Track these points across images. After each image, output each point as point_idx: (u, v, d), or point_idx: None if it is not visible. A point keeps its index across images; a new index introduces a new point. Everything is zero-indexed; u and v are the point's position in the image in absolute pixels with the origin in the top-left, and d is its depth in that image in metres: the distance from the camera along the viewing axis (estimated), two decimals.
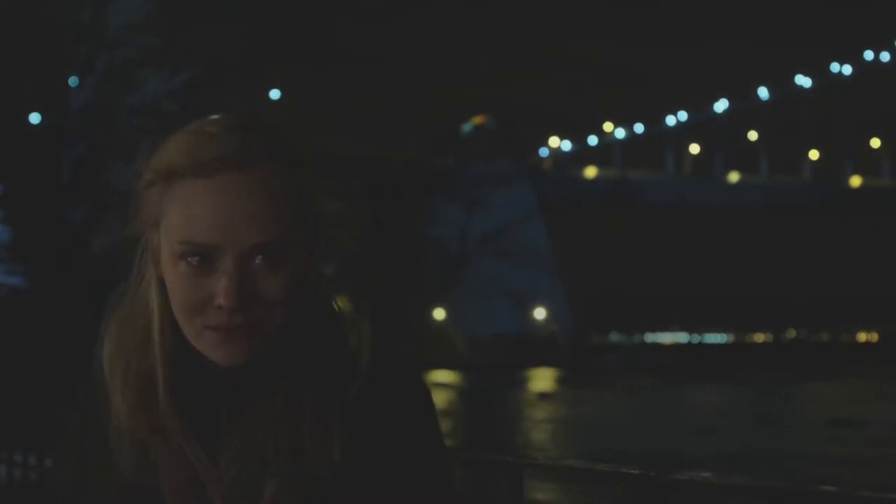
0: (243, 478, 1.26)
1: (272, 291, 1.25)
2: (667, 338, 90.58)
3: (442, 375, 50.78)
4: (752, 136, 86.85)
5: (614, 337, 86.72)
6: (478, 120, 74.16)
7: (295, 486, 1.26)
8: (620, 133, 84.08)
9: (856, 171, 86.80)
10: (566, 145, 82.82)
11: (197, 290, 1.25)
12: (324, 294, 1.34)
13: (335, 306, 1.34)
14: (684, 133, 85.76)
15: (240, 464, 1.26)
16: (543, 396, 40.36)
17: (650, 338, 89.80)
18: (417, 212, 63.61)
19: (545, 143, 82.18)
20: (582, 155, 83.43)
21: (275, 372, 1.30)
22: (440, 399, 37.44)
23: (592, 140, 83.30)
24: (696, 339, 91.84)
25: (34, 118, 28.38)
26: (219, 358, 1.27)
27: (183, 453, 1.28)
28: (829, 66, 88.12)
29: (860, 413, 29.33)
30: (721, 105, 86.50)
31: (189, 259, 1.25)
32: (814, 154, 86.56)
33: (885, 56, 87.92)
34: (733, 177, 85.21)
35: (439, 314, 65.37)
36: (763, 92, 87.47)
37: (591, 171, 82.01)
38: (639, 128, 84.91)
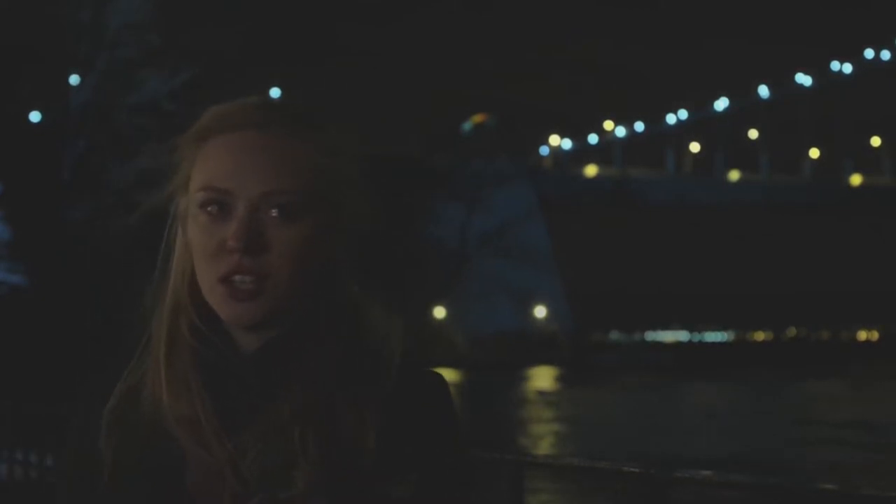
0: (273, 469, 1.29)
1: (282, 245, 1.31)
2: (667, 336, 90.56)
3: (442, 374, 50.74)
4: (753, 134, 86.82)
5: (614, 335, 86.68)
6: (478, 119, 74.15)
7: (327, 478, 1.29)
8: (621, 132, 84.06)
9: (856, 170, 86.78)
10: (566, 144, 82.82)
11: (213, 237, 1.31)
12: (351, 287, 1.38)
13: (364, 301, 1.38)
14: (685, 132, 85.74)
15: (269, 455, 1.29)
16: (544, 395, 40.36)
17: (650, 336, 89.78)
18: (418, 211, 63.61)
19: (545, 142, 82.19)
20: (582, 153, 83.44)
21: (301, 362, 1.33)
22: None
23: (593, 139, 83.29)
24: (696, 337, 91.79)
25: (34, 117, 28.38)
26: (227, 313, 1.31)
27: (211, 443, 1.30)
28: (829, 65, 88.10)
29: (861, 413, 29.33)
30: (721, 104, 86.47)
31: (209, 208, 1.32)
32: (814, 153, 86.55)
33: (885, 55, 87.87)
34: (733, 175, 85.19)
35: (440, 313, 65.39)
36: (763, 91, 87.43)
37: (591, 170, 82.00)
38: (639, 126, 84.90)
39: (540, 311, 71.81)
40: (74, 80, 28.08)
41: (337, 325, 1.35)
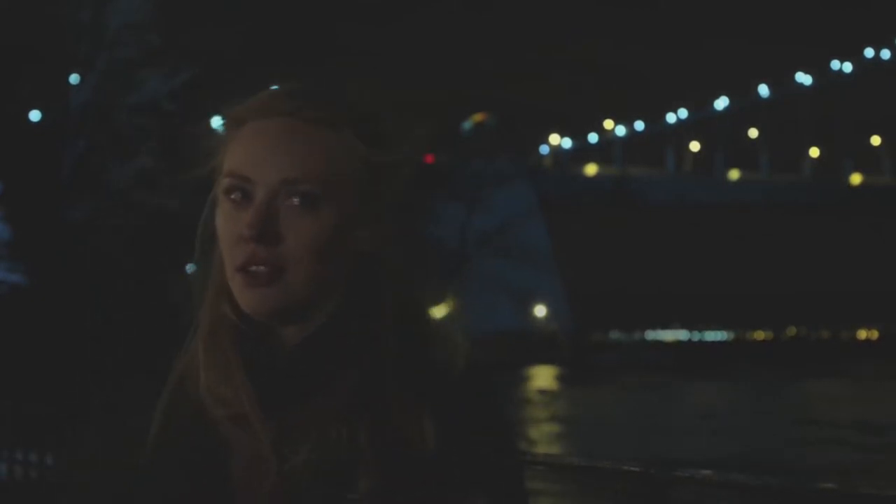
0: (323, 466, 1.26)
1: (299, 234, 1.28)
2: (667, 335, 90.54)
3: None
4: (753, 133, 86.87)
5: (614, 335, 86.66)
6: (478, 118, 74.18)
7: (391, 478, 1.26)
8: (621, 131, 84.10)
9: (856, 170, 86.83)
10: (566, 143, 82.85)
11: (233, 225, 1.30)
12: (400, 284, 1.34)
13: (419, 300, 1.36)
14: (685, 131, 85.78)
15: (317, 450, 1.27)
16: (544, 394, 40.37)
17: (650, 335, 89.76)
18: (417, 209, 63.58)
19: (545, 141, 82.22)
20: (582, 153, 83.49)
21: (347, 356, 1.30)
22: None
23: (593, 138, 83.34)
24: (696, 336, 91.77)
25: (34, 117, 28.38)
26: (244, 302, 1.29)
27: (255, 428, 1.28)
28: (829, 65, 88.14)
29: (861, 413, 29.33)
30: (721, 103, 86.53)
31: (232, 195, 1.30)
32: (814, 152, 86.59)
33: (885, 54, 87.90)
34: (733, 175, 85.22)
35: (439, 312, 65.35)
36: (763, 90, 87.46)
37: (591, 169, 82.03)
38: (639, 125, 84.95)
39: (540, 311, 71.83)
40: (74, 79, 28.09)
41: (385, 323, 1.32)
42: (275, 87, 1.35)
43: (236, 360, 1.31)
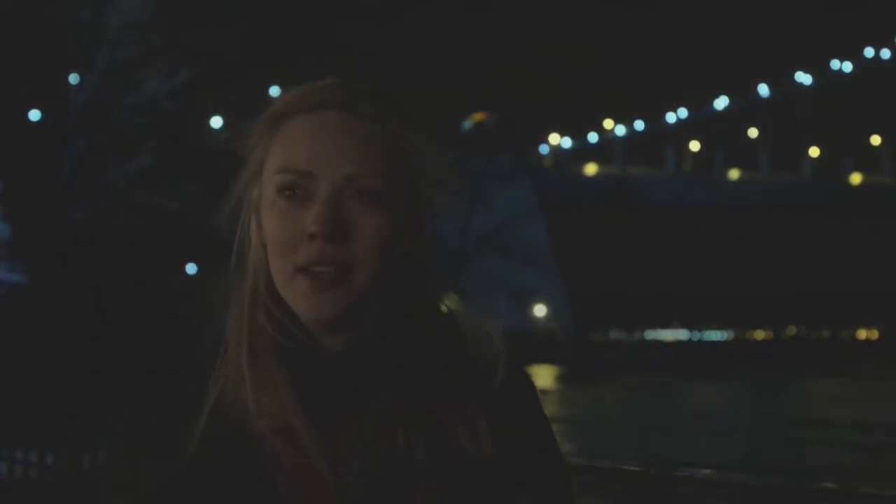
0: (382, 481, 1.22)
1: (365, 232, 1.23)
2: (667, 335, 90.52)
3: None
4: (753, 133, 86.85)
5: (614, 334, 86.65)
6: (478, 117, 74.18)
7: (449, 487, 1.23)
8: (621, 130, 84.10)
9: (856, 169, 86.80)
10: (566, 142, 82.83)
11: (292, 224, 1.23)
12: (437, 287, 1.32)
13: (454, 302, 1.33)
14: (684, 130, 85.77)
15: (374, 461, 1.22)
16: (544, 394, 40.38)
17: (650, 335, 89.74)
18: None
19: (545, 141, 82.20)
20: (582, 152, 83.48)
21: (394, 362, 1.26)
22: None
23: (593, 137, 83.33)
24: (696, 336, 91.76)
25: (34, 116, 28.39)
26: (307, 307, 1.23)
27: (304, 444, 1.22)
28: (829, 64, 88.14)
29: (860, 413, 29.32)
30: (721, 102, 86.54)
31: (287, 193, 1.24)
32: (814, 152, 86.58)
33: (885, 53, 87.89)
34: (733, 174, 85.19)
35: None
36: (763, 89, 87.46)
37: (591, 169, 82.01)
38: (639, 125, 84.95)
39: (540, 310, 71.82)
40: (74, 79, 28.09)
41: (428, 326, 1.28)
42: (324, 81, 1.30)
43: (280, 372, 1.25)
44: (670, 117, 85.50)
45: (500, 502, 1.26)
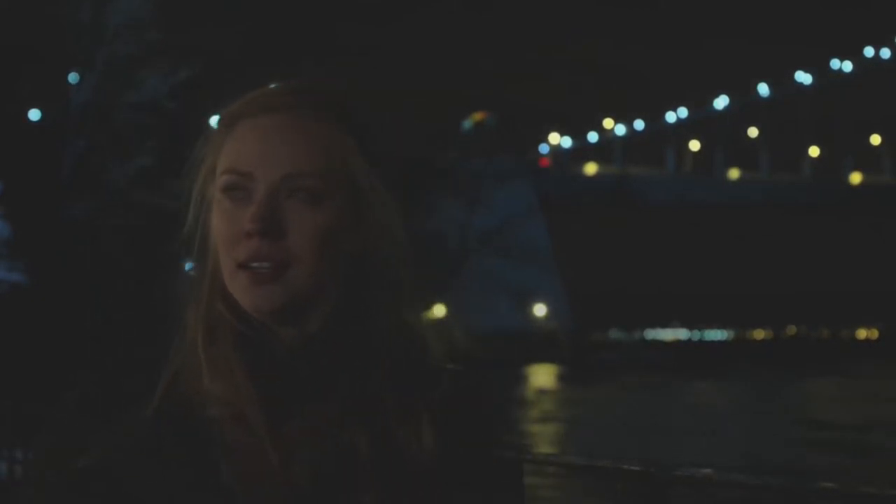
0: (328, 475, 1.26)
1: (302, 230, 1.28)
2: (667, 335, 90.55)
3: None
4: (753, 133, 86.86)
5: (614, 334, 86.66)
6: (478, 117, 74.21)
7: (391, 485, 1.27)
8: (621, 130, 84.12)
9: (856, 169, 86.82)
10: (566, 142, 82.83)
11: (234, 222, 1.29)
12: (389, 288, 1.34)
13: (407, 303, 1.36)
14: (684, 130, 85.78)
15: (321, 454, 1.26)
16: (544, 393, 40.37)
17: (650, 335, 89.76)
18: (417, 207, 63.63)
19: (545, 140, 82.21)
20: (582, 152, 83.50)
21: (347, 360, 1.30)
22: None
23: (593, 137, 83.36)
24: (696, 336, 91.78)
25: (34, 116, 28.40)
26: (247, 300, 1.28)
27: (257, 430, 1.26)
28: (829, 64, 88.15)
29: (860, 413, 29.32)
30: (721, 102, 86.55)
31: (232, 193, 1.30)
32: (814, 151, 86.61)
33: (885, 53, 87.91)
34: (733, 174, 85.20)
35: (439, 311, 65.40)
36: (763, 89, 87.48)
37: (591, 168, 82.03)
38: (639, 125, 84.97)
39: (540, 310, 71.84)
40: (73, 79, 28.09)
41: (381, 327, 1.32)
42: (271, 84, 1.35)
43: (237, 360, 1.29)
44: (670, 117, 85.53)
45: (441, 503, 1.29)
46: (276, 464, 1.25)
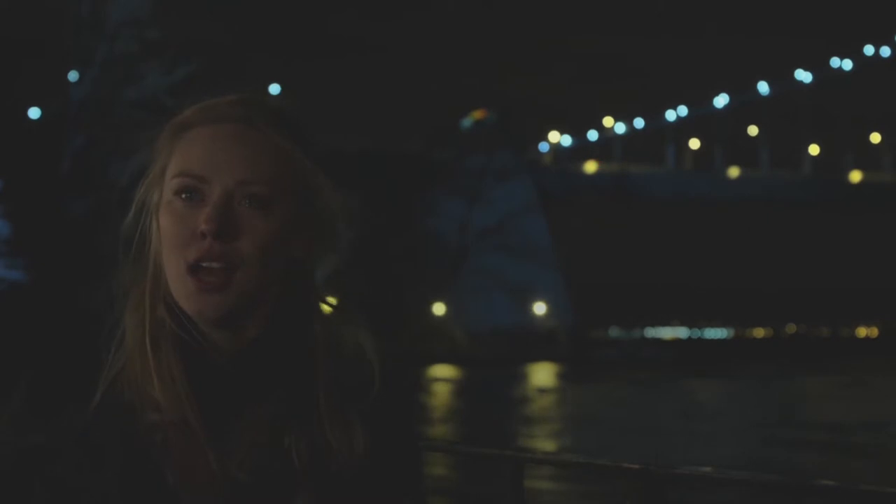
0: (265, 477, 1.30)
1: (253, 234, 1.32)
2: (667, 333, 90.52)
3: (442, 369, 50.79)
4: (753, 130, 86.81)
5: (614, 332, 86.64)
6: (478, 114, 74.13)
7: (325, 487, 1.31)
8: (620, 128, 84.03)
9: (856, 166, 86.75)
10: (566, 140, 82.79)
11: (186, 224, 1.33)
12: (323, 294, 1.39)
13: (340, 308, 1.40)
14: (684, 128, 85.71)
15: (258, 458, 1.30)
16: (543, 391, 40.38)
17: (650, 333, 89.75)
18: (417, 205, 63.59)
19: (545, 138, 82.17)
20: (582, 150, 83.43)
21: (282, 365, 1.34)
22: (442, 393, 37.45)
23: (592, 135, 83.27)
24: (695, 333, 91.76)
25: (34, 113, 28.40)
26: (194, 308, 1.31)
27: (196, 437, 1.30)
28: (829, 61, 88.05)
29: (858, 413, 29.32)
30: (721, 100, 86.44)
31: (183, 195, 1.34)
32: (814, 149, 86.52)
33: (885, 51, 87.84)
34: (733, 171, 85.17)
35: (439, 308, 65.37)
36: (763, 86, 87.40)
37: (591, 166, 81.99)
38: (639, 123, 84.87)
39: (540, 307, 71.80)
40: (74, 74, 28.08)
41: (313, 331, 1.36)
42: (226, 95, 1.40)
43: (178, 365, 1.32)
44: (670, 115, 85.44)
45: None
46: (215, 467, 1.29)
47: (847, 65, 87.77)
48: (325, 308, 1.39)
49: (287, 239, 1.35)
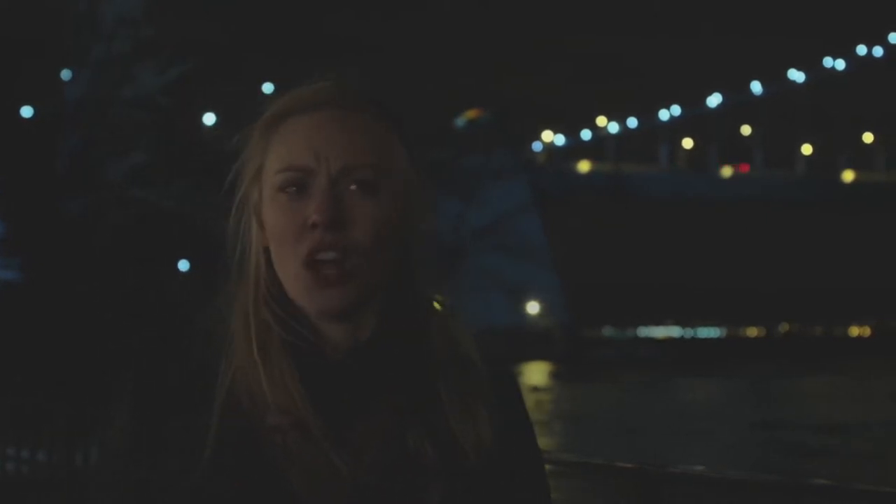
0: (393, 477, 1.27)
1: (363, 220, 1.29)
2: (660, 332, 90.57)
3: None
4: (746, 130, 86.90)
5: (608, 331, 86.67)
6: (471, 114, 74.15)
7: (455, 481, 1.28)
8: (614, 127, 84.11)
9: (849, 166, 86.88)
10: (560, 140, 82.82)
11: (294, 217, 1.29)
12: (425, 283, 1.37)
13: (437, 299, 1.39)
14: (678, 127, 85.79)
15: (386, 457, 1.27)
16: (538, 390, 40.40)
17: (644, 332, 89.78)
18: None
19: (539, 138, 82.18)
20: (575, 149, 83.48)
21: (399, 360, 1.31)
22: None
23: (586, 134, 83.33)
24: (689, 333, 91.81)
25: (28, 111, 28.39)
26: (314, 301, 1.28)
27: (319, 440, 1.26)
28: (822, 61, 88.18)
29: (856, 412, 29.35)
30: (714, 99, 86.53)
31: (288, 189, 1.30)
32: (807, 148, 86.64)
33: (877, 51, 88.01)
34: (727, 171, 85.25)
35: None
36: (756, 86, 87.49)
37: (584, 166, 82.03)
38: (632, 122, 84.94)
39: (534, 307, 71.83)
40: (67, 75, 28.07)
41: (429, 324, 1.34)
42: (318, 81, 1.36)
43: (290, 369, 1.29)
44: (663, 114, 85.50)
45: (500, 497, 1.31)
46: (342, 470, 1.25)
47: (840, 65, 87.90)
48: (434, 297, 1.37)
49: (395, 223, 1.31)
